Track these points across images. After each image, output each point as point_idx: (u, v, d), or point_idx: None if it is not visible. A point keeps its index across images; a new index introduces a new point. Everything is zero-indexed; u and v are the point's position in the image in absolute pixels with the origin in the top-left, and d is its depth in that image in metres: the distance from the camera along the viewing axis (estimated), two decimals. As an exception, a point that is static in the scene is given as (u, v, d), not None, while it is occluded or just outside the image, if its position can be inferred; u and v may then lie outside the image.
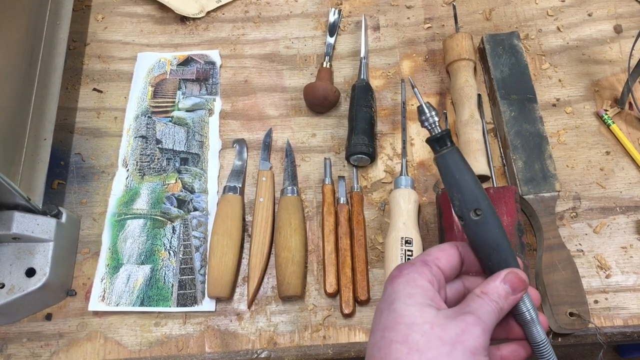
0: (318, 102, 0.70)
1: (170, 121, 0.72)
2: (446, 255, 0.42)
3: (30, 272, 0.59)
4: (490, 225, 0.41)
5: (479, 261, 0.42)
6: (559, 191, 0.63)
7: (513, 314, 0.41)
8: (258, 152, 0.70)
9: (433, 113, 0.42)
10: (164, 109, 0.73)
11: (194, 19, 0.79)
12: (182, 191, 0.68)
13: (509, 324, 0.42)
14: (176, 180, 0.68)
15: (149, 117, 0.72)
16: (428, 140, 0.43)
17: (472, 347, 0.36)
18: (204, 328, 0.61)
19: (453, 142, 0.42)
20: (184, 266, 0.64)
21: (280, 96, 0.74)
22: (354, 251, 0.62)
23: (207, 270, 0.63)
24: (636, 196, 0.66)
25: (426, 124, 0.43)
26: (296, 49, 0.77)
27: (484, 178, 0.65)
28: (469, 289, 0.43)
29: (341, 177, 0.68)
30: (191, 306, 0.62)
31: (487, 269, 0.42)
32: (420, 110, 0.43)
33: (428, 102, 0.43)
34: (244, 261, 0.64)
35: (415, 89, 0.45)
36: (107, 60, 0.77)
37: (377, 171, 0.69)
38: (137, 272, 0.63)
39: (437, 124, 0.42)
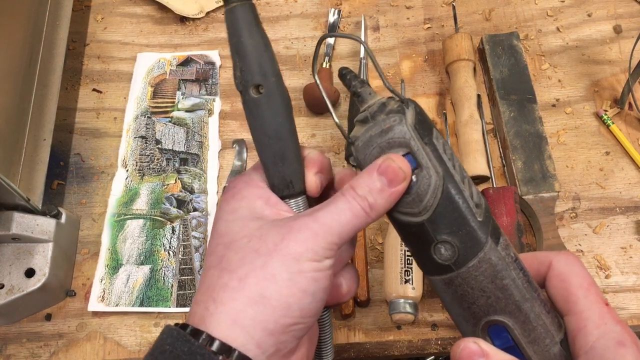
0: (318, 102, 0.70)
1: (169, 121, 0.72)
2: None
3: (30, 273, 0.59)
4: (272, 107, 0.34)
5: (258, 154, 0.35)
6: (558, 191, 0.63)
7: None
8: (258, 153, 0.70)
9: None
10: (164, 109, 0.73)
11: (193, 19, 0.79)
12: (181, 191, 0.68)
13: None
14: (176, 180, 0.68)
15: (148, 117, 0.72)
16: None
17: (295, 253, 0.31)
18: (204, 328, 0.61)
19: None
20: (183, 267, 0.64)
21: (279, 96, 0.74)
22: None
23: (206, 271, 0.63)
24: (636, 196, 0.66)
25: None
26: (296, 49, 0.77)
27: (483, 178, 0.65)
28: None
29: (341, 178, 0.67)
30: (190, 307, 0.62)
31: (263, 163, 0.35)
32: None
33: None
34: (244, 261, 0.64)
35: None
36: (106, 60, 0.77)
37: (377, 171, 0.68)
38: (137, 272, 0.63)
39: None
